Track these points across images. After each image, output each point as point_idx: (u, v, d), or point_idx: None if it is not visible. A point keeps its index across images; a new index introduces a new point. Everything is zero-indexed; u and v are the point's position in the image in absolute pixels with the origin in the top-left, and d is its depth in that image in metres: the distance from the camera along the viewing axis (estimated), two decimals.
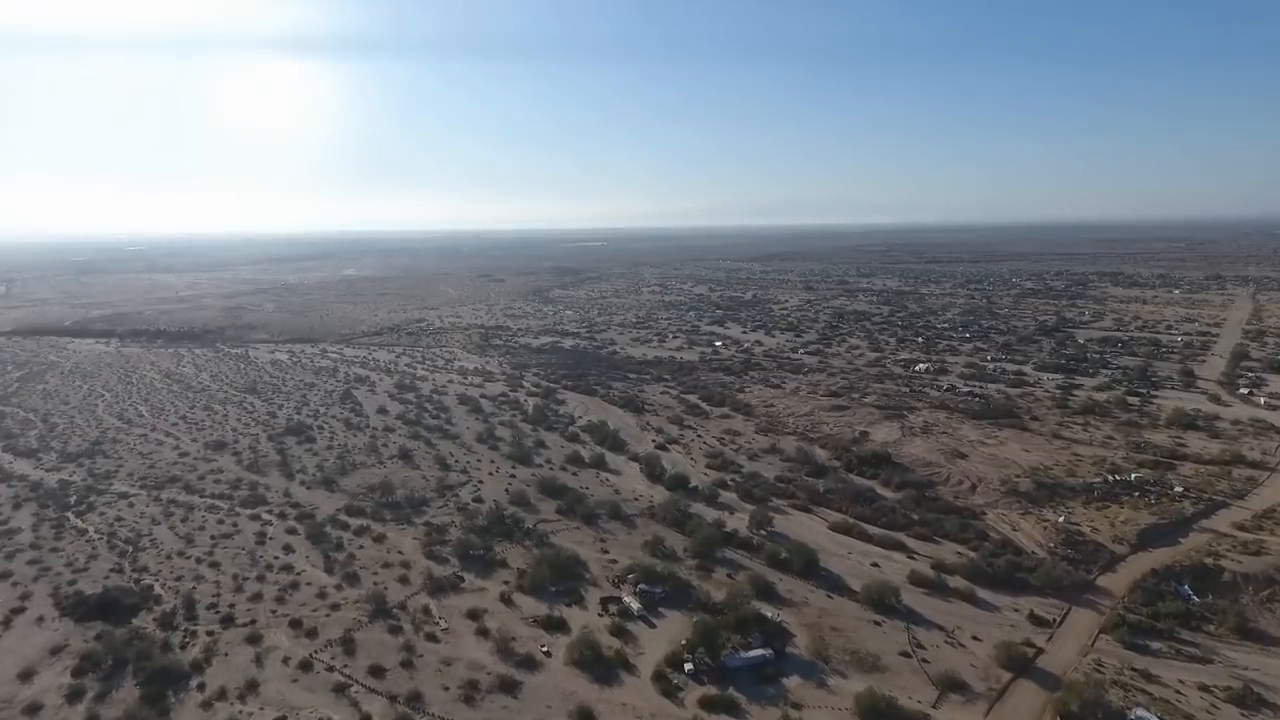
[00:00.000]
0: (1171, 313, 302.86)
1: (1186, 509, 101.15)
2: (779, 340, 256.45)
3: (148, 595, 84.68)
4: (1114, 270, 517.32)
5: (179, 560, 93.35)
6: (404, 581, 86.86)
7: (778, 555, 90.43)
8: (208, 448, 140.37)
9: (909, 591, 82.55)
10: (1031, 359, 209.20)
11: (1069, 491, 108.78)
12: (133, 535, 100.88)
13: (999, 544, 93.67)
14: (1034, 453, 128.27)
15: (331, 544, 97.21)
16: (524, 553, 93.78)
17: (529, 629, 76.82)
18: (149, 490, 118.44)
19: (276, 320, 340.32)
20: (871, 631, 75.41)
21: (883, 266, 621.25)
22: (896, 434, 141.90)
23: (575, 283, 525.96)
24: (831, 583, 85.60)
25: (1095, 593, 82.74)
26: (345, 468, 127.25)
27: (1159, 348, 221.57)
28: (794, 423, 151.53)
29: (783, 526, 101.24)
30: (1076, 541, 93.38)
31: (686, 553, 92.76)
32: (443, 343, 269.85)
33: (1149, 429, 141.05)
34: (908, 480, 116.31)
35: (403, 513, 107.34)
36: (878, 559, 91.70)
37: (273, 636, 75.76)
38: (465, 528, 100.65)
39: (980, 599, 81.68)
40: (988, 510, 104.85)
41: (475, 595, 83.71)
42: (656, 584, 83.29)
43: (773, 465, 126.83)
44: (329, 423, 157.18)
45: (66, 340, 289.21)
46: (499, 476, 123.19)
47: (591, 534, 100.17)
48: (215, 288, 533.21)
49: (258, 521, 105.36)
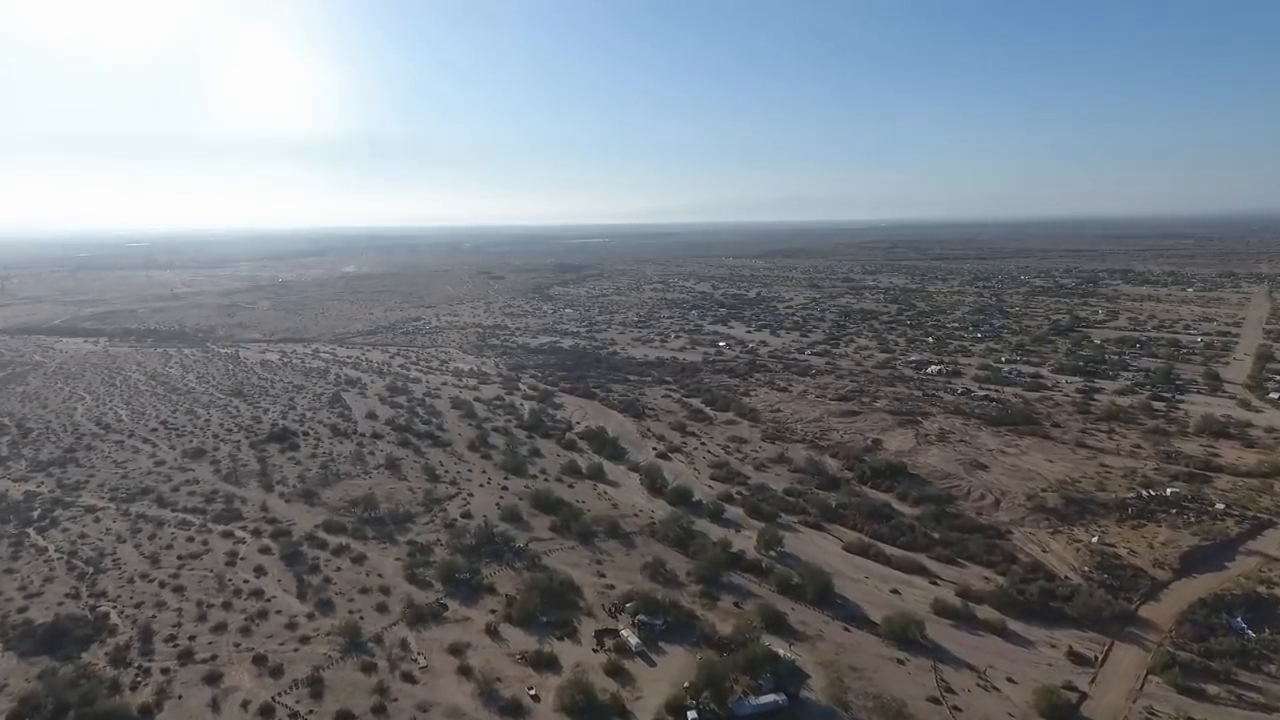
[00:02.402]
0: (1187, 311, 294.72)
1: (1230, 529, 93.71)
2: (784, 340, 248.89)
3: (102, 625, 77.74)
4: (1124, 267, 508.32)
5: (141, 584, 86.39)
6: (382, 610, 79.81)
7: (789, 580, 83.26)
8: (185, 456, 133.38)
9: (934, 623, 75.30)
10: (1048, 360, 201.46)
11: (1100, 508, 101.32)
12: (95, 555, 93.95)
13: (1028, 567, 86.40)
14: (1058, 463, 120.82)
15: (307, 565, 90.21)
16: (514, 576, 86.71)
17: (516, 667, 69.69)
18: (119, 503, 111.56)
19: (270, 319, 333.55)
20: (895, 672, 68.12)
21: (888, 263, 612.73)
22: (911, 442, 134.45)
23: (576, 280, 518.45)
24: (848, 612, 78.34)
25: (1138, 625, 75.42)
26: (328, 478, 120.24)
27: (1179, 349, 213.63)
28: (802, 429, 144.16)
29: (793, 546, 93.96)
30: (1113, 565, 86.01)
31: (690, 577, 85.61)
32: (439, 342, 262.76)
33: (1178, 437, 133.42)
34: (926, 494, 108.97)
35: (386, 529, 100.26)
36: (897, 584, 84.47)
37: (234, 675, 68.72)
38: (451, 547, 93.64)
39: (1012, 632, 74.43)
40: (1013, 528, 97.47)
41: (459, 626, 76.59)
42: (657, 614, 76.11)
43: (781, 476, 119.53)
44: (315, 428, 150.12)
45: (55, 339, 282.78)
46: (490, 488, 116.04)
47: (587, 554, 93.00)
48: (212, 285, 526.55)
49: (230, 539, 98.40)
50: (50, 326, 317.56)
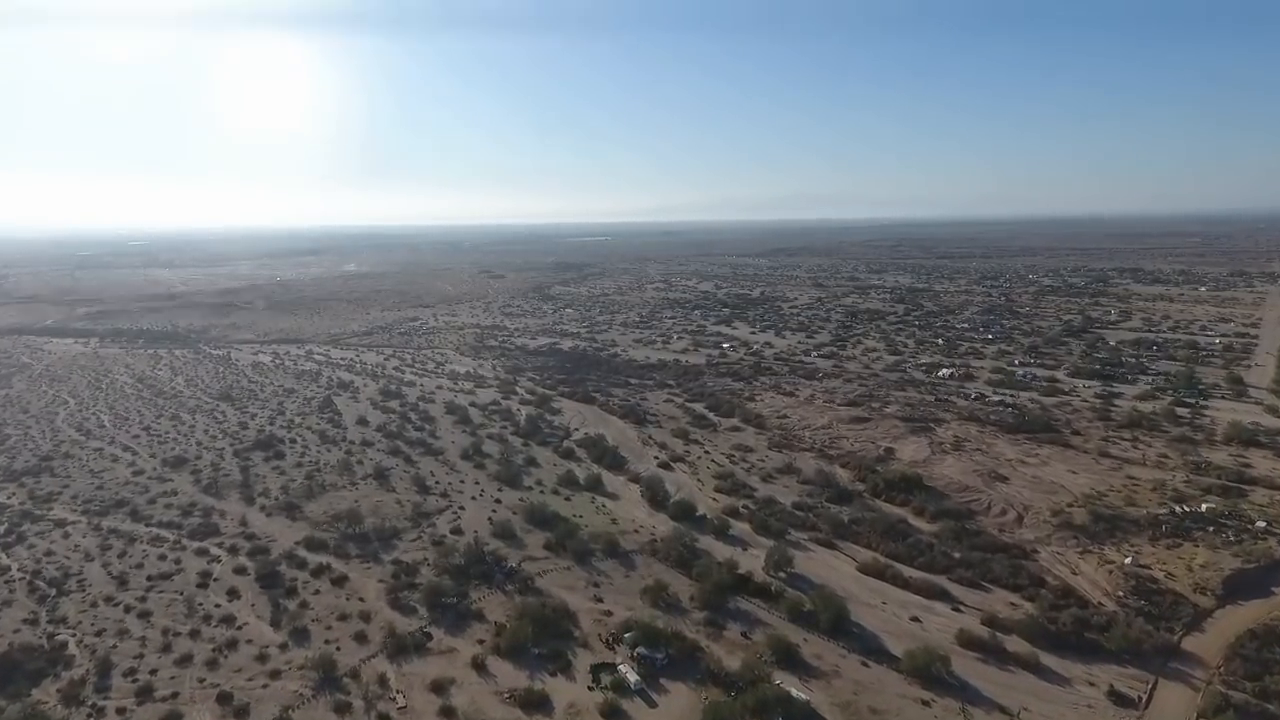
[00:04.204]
0: (1202, 311, 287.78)
1: (1274, 549, 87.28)
2: (790, 342, 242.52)
3: (59, 656, 72.00)
4: (1133, 266, 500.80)
5: (105, 608, 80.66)
6: (361, 640, 73.85)
7: (800, 607, 77.15)
8: (166, 465, 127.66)
9: (960, 656, 69.15)
10: (1063, 363, 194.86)
11: (1131, 525, 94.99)
12: (59, 575, 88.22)
13: (1058, 592, 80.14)
14: (1082, 475, 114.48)
15: (283, 588, 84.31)
16: (504, 601, 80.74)
17: (504, 708, 63.69)
18: (91, 517, 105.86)
19: (265, 319, 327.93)
20: (920, 715, 62.01)
21: (893, 262, 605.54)
22: (925, 451, 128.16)
23: (577, 279, 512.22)
24: (866, 644, 72.20)
25: (1182, 660, 69.20)
26: (313, 490, 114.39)
27: (1198, 351, 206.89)
28: (810, 437, 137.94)
29: (804, 567, 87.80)
30: (1149, 590, 79.75)
31: (693, 602, 79.55)
32: (435, 344, 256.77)
33: (1206, 446, 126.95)
34: (943, 509, 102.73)
35: (370, 547, 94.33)
36: (917, 610, 78.30)
37: (195, 716, 62.83)
38: (439, 567, 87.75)
39: (1045, 667, 68.20)
40: (1039, 547, 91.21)
41: (443, 659, 70.60)
42: (658, 646, 70.02)
43: (789, 488, 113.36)
44: (303, 435, 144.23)
45: (45, 340, 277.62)
46: (483, 501, 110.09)
47: (584, 575, 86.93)
48: (209, 284, 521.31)
49: (204, 557, 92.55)
50: (42, 327, 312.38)
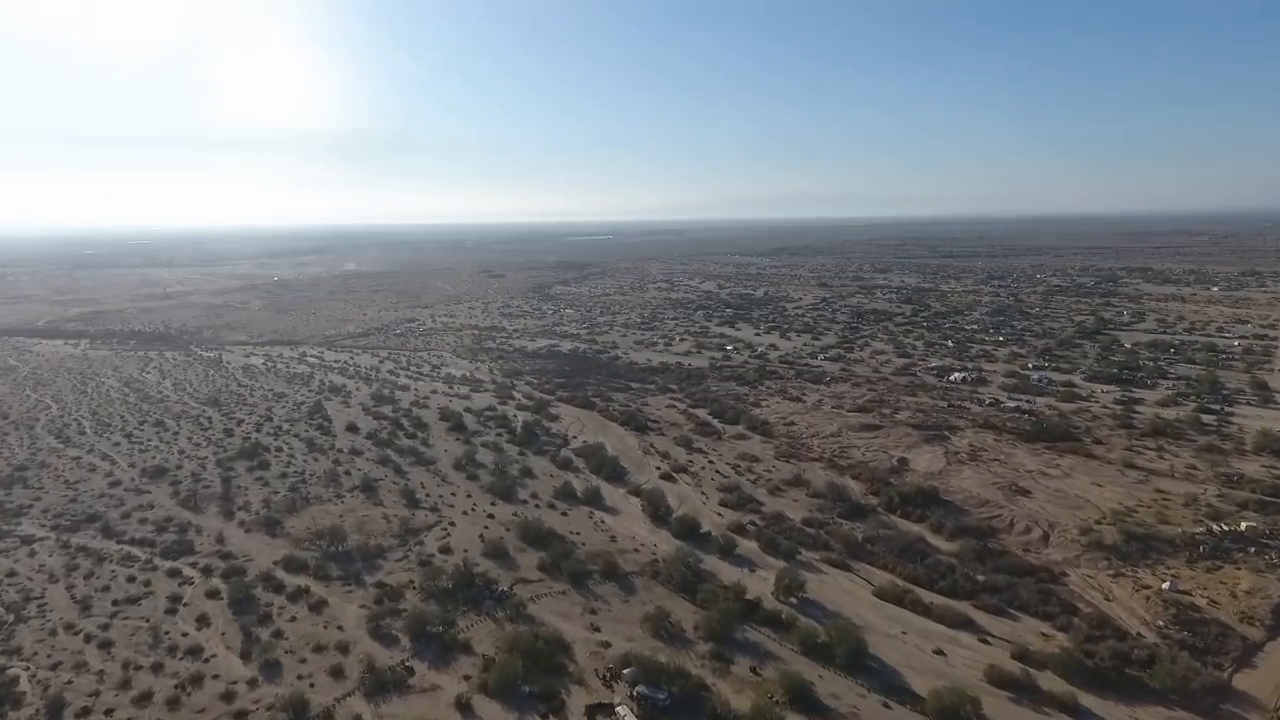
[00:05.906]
0: (1216, 312, 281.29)
1: None
2: (795, 344, 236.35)
3: (7, 694, 66.18)
4: (1142, 265, 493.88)
5: (64, 637, 74.86)
6: (337, 675, 67.88)
7: (814, 638, 71.11)
8: (145, 475, 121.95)
9: (990, 697, 63.04)
10: (1078, 367, 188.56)
11: (1166, 545, 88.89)
12: (19, 600, 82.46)
13: (1092, 621, 74.05)
14: (1108, 488, 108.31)
15: (257, 614, 78.45)
16: (494, 630, 74.82)
17: None
18: (60, 533, 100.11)
19: (260, 320, 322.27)
20: None
21: (897, 261, 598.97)
22: (941, 461, 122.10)
23: (578, 278, 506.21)
24: (886, 681, 66.17)
25: (1235, 700, 63.12)
26: (296, 503, 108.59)
27: (1217, 353, 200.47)
28: (819, 446, 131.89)
29: (817, 592, 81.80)
30: (1192, 620, 73.70)
31: (698, 632, 73.55)
32: (432, 345, 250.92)
33: (1235, 456, 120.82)
34: (963, 525, 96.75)
35: (353, 568, 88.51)
36: (941, 642, 72.23)
37: None
38: (425, 591, 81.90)
39: (1085, 710, 62.10)
40: (1068, 569, 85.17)
41: (424, 699, 64.66)
42: (660, 685, 63.99)
43: (799, 502, 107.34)
44: (290, 442, 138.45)
45: (35, 341, 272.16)
46: (474, 516, 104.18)
47: (580, 601, 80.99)
48: (206, 284, 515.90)
49: (176, 579, 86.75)
50: (33, 328, 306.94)
